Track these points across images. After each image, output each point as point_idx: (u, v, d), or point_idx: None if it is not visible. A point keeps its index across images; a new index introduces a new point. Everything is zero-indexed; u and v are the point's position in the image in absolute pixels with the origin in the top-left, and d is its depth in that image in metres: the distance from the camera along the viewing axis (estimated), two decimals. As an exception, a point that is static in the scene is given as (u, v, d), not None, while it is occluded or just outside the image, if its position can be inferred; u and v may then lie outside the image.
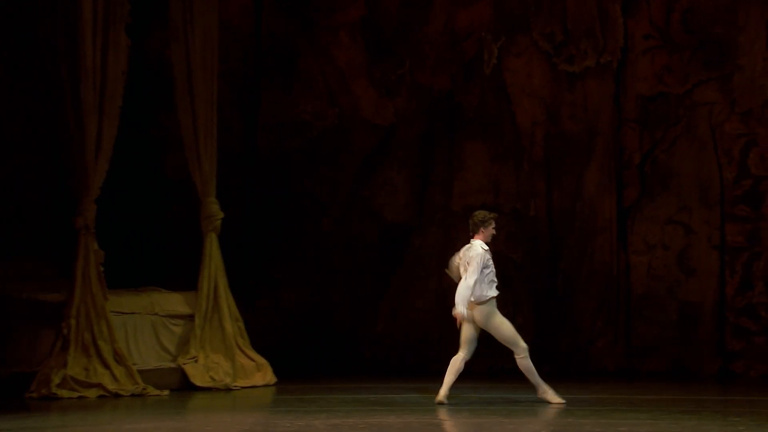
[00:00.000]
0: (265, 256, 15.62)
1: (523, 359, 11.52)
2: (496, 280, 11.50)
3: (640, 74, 15.12)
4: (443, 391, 11.51)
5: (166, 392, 12.74)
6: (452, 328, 11.85)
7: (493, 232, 11.64)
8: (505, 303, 15.19)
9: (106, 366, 12.53)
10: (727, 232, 14.84)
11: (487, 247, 11.48)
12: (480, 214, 11.64)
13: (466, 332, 11.49)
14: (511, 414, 11.05)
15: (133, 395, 12.47)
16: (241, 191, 15.54)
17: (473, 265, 11.29)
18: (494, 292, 11.45)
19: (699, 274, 14.93)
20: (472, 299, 11.34)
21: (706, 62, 14.90)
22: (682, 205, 14.99)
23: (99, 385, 12.42)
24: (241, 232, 15.29)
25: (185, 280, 13.89)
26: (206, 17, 13.65)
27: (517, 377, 12.09)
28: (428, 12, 15.57)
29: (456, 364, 11.51)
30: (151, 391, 12.63)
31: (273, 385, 13.57)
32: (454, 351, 11.82)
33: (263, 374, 13.63)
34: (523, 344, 11.56)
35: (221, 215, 13.70)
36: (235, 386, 13.32)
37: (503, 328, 11.48)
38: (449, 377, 11.52)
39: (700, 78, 14.92)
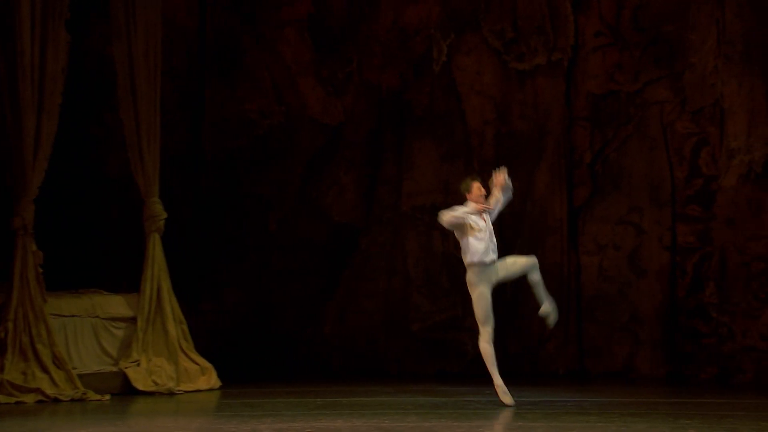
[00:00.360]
0: (209, 257, 15.47)
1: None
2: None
3: (590, 72, 15.09)
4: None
5: (107, 397, 12.58)
6: (400, 331, 11.77)
7: (480, 192, 11.70)
8: (453, 305, 15.18)
9: (45, 370, 12.35)
10: (678, 232, 14.83)
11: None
12: (461, 186, 11.75)
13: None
14: (460, 417, 10.94)
15: (72, 400, 12.31)
16: (185, 191, 15.39)
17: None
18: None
19: (650, 275, 14.90)
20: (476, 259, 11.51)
21: (657, 60, 14.89)
22: (633, 205, 14.97)
23: (37, 390, 12.23)
24: (184, 232, 15.14)
25: (127, 282, 13.78)
26: (149, 13, 13.50)
27: (466, 381, 12.01)
28: (376, 9, 15.48)
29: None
30: (92, 395, 12.46)
31: (217, 389, 13.47)
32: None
33: (207, 378, 13.51)
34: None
35: (164, 215, 13.55)
36: (179, 390, 13.19)
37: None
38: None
39: (651, 76, 14.92)
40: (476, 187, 11.82)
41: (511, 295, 15.09)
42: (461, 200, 15.25)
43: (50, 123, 12.66)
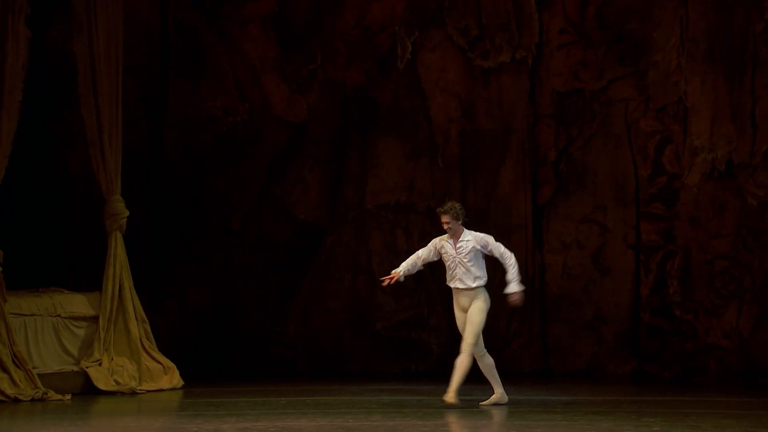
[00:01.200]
0: (171, 255, 15.37)
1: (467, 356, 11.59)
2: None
3: (555, 70, 15.08)
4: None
5: (68, 397, 12.50)
6: (365, 330, 11.76)
7: (446, 225, 11.73)
8: (418, 304, 15.14)
9: (5, 370, 12.25)
10: (642, 230, 14.84)
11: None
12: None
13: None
14: (425, 416, 10.90)
15: (33, 400, 12.22)
16: (147, 189, 15.29)
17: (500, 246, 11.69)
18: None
19: (614, 274, 14.91)
20: (475, 284, 11.56)
21: (621, 58, 14.90)
22: (597, 204, 14.98)
23: (-3, 390, 12.10)
24: (146, 230, 15.04)
25: (89, 280, 13.71)
26: (110, 8, 13.40)
27: (431, 380, 11.98)
28: (341, 6, 15.42)
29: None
30: (53, 395, 12.37)
31: (180, 388, 13.43)
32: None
33: (170, 377, 13.44)
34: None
35: (126, 213, 13.46)
36: (141, 390, 13.13)
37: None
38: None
39: (615, 74, 14.93)
40: (443, 221, 11.74)
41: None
42: (425, 199, 15.28)
43: (10, 120, 12.56)
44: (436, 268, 15.03)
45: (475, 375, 11.75)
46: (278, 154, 15.51)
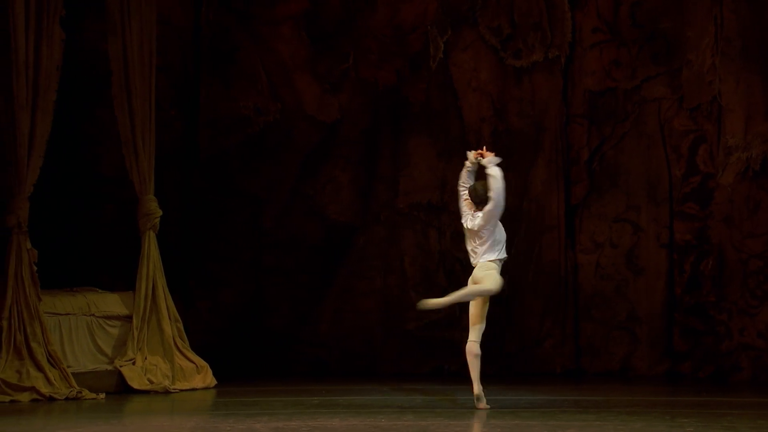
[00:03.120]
0: (204, 255, 15.40)
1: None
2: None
3: (588, 69, 15.04)
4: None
5: (102, 396, 12.51)
6: (396, 329, 11.75)
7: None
8: (450, 303, 15.11)
9: (40, 369, 12.28)
10: (675, 230, 14.78)
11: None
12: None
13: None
14: (456, 416, 10.89)
15: (67, 399, 12.24)
16: (179, 188, 15.32)
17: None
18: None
19: (647, 273, 14.86)
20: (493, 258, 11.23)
21: (654, 57, 14.84)
22: (630, 203, 14.92)
23: (32, 389, 12.15)
24: (179, 230, 15.08)
25: (122, 279, 13.72)
26: (144, 9, 13.45)
27: (462, 379, 11.94)
28: (373, 5, 15.42)
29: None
30: (87, 394, 12.38)
31: (213, 387, 13.43)
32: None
33: (203, 376, 13.46)
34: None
35: (159, 213, 13.49)
36: (174, 389, 13.13)
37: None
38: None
39: (648, 73, 14.87)
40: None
41: (507, 295, 15.04)
42: (458, 198, 15.26)
43: (45, 121, 12.61)
44: (468, 269, 15.03)
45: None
46: (310, 153, 15.52)
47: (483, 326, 11.39)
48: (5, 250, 12.40)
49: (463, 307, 15.14)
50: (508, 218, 14.32)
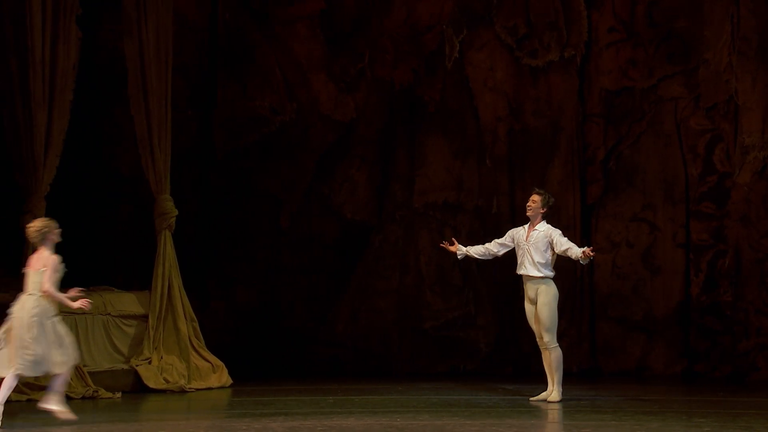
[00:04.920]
0: (220, 254, 15.40)
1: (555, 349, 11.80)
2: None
3: (604, 68, 15.00)
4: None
5: (118, 395, 12.55)
6: (412, 329, 11.74)
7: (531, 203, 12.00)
8: (466, 302, 15.10)
9: (56, 368, 12.24)
10: (692, 229, 14.73)
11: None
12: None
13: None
14: (472, 416, 10.87)
15: (84, 398, 12.26)
16: (195, 188, 15.33)
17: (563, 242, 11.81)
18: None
19: (664, 273, 14.81)
20: (539, 274, 11.74)
21: (670, 56, 14.80)
22: (646, 202, 14.89)
23: (48, 388, 12.13)
24: (195, 230, 15.09)
25: (138, 279, 13.73)
26: (160, 9, 13.45)
27: (479, 379, 11.92)
28: (388, 4, 15.40)
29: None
30: (103, 393, 12.41)
31: (229, 386, 13.44)
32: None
33: (219, 376, 13.46)
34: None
35: (175, 213, 13.49)
36: (190, 388, 13.15)
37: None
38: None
39: (664, 72, 14.83)
40: (531, 199, 12.02)
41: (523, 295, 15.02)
42: (473, 198, 15.26)
43: (61, 119, 12.63)
44: (483, 268, 15.02)
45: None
46: (326, 153, 15.51)
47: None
48: (22, 250, 12.40)
49: (478, 306, 15.14)
50: (524, 218, 14.32)
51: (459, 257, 12.25)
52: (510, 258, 12.16)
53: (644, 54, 14.88)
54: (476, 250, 12.17)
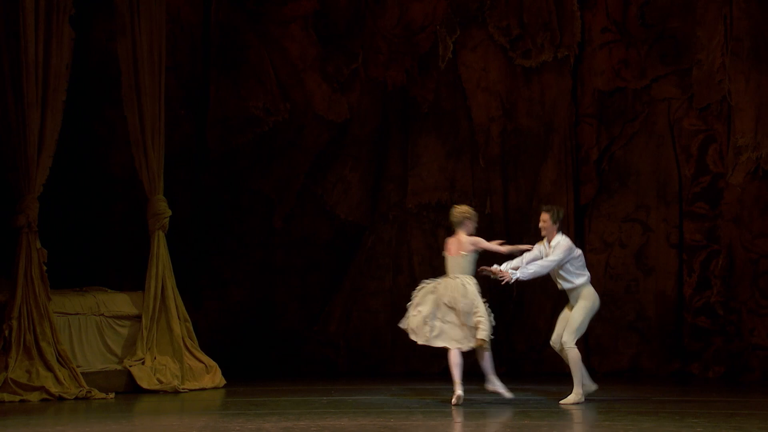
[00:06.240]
0: (213, 254, 15.41)
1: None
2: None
3: (597, 68, 15.02)
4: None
5: (111, 395, 12.53)
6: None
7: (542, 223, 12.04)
8: (460, 302, 15.06)
9: (49, 368, 12.29)
10: (685, 230, 14.75)
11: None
12: None
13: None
14: (465, 416, 10.87)
15: (77, 398, 12.26)
16: (189, 188, 15.33)
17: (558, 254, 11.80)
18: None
19: (657, 273, 14.83)
20: (574, 284, 11.78)
21: (663, 57, 14.82)
22: (640, 203, 14.90)
23: (42, 388, 12.16)
24: (188, 230, 15.09)
25: (132, 279, 13.72)
26: (153, 9, 13.42)
27: (472, 380, 11.94)
28: (382, 5, 15.42)
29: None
30: (96, 394, 12.40)
31: (222, 387, 13.43)
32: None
33: (212, 376, 13.45)
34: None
35: (169, 213, 13.47)
36: (184, 389, 13.14)
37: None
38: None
39: (657, 73, 14.86)
40: (541, 218, 12.05)
41: (517, 295, 15.05)
42: (466, 198, 15.26)
43: (54, 120, 12.59)
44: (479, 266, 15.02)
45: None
46: (319, 153, 15.52)
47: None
48: (15, 250, 12.40)
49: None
50: (517, 217, 14.35)
51: (513, 280, 12.06)
52: (502, 255, 12.08)
53: (637, 55, 14.90)
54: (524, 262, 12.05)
